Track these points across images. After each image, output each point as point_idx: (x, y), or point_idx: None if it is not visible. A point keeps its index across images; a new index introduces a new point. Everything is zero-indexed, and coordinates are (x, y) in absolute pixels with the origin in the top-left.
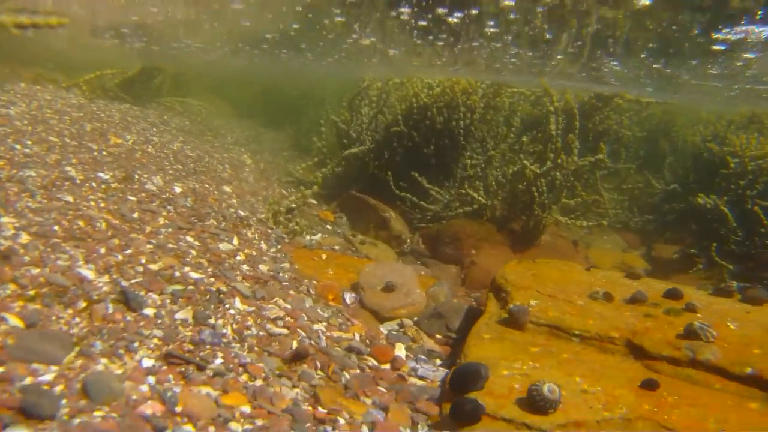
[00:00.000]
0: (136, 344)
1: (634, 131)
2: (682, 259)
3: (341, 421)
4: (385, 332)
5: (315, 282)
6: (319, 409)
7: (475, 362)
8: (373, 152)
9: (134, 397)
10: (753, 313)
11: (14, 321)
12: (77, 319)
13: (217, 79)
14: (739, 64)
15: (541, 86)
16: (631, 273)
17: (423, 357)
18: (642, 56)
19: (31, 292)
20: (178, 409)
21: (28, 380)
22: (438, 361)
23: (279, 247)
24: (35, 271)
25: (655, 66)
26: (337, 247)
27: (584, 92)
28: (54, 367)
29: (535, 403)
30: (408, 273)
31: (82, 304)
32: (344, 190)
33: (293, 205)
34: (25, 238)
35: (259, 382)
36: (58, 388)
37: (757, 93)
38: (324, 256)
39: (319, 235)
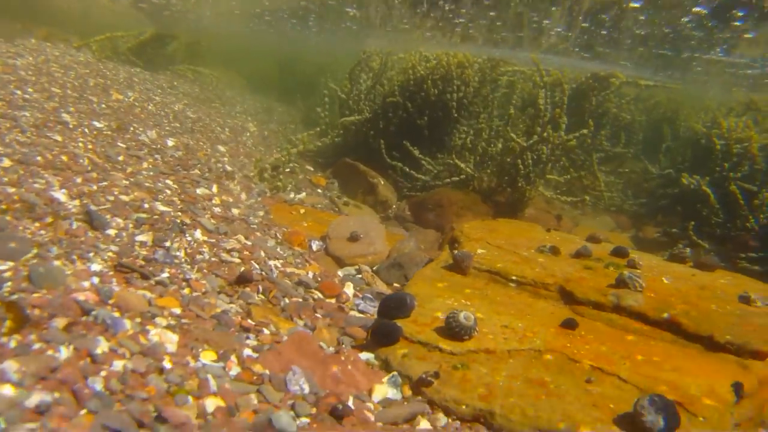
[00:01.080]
0: (91, 254)
1: (634, 115)
2: (665, 239)
3: (266, 332)
4: (341, 275)
5: (285, 229)
6: (248, 321)
7: (403, 292)
8: (370, 122)
9: (72, 287)
10: (697, 276)
11: None
12: (42, 231)
13: (233, 52)
14: (641, 18)
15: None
16: (591, 237)
17: (370, 296)
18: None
19: (3, 206)
20: (111, 301)
21: None
22: None
23: (259, 199)
24: (11, 189)
25: (583, 25)
26: (319, 206)
27: (578, 71)
28: (10, 263)
29: (451, 329)
30: (375, 226)
31: (49, 220)
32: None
33: (278, 163)
34: (6, 162)
35: (196, 294)
36: (6, 275)
37: (722, 65)
38: (302, 211)
39: (304, 194)
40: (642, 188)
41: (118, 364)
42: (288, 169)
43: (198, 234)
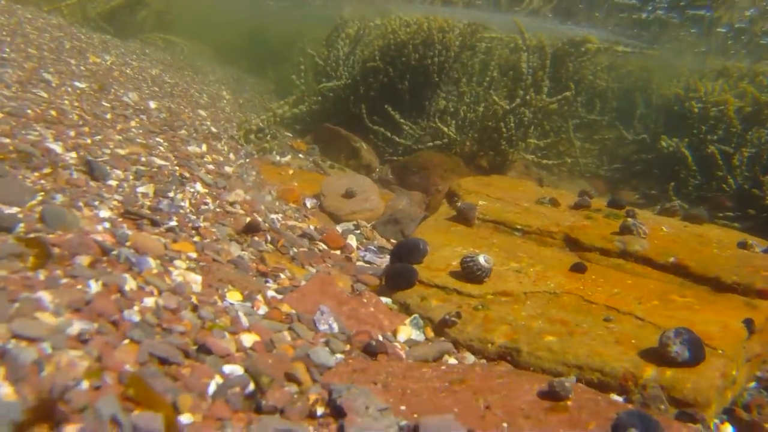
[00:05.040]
0: (96, 203)
1: (608, 83)
2: (644, 201)
3: (282, 276)
4: (341, 230)
5: (278, 187)
6: (264, 266)
7: (415, 237)
8: (349, 87)
9: (88, 229)
10: (690, 227)
11: None
12: (42, 181)
13: (203, 22)
14: None
15: (518, 33)
16: (583, 191)
17: (374, 248)
18: None
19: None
20: (128, 243)
21: None
22: (387, 255)
23: (247, 160)
24: (5, 140)
25: None
26: (305, 168)
27: (555, 37)
28: (16, 208)
29: (471, 272)
30: (368, 183)
31: (47, 170)
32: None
33: (263, 125)
34: None
35: (208, 241)
36: (19, 216)
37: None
38: (291, 172)
39: (289, 157)
40: (616, 154)
41: (149, 301)
42: (270, 134)
43: (198, 186)
